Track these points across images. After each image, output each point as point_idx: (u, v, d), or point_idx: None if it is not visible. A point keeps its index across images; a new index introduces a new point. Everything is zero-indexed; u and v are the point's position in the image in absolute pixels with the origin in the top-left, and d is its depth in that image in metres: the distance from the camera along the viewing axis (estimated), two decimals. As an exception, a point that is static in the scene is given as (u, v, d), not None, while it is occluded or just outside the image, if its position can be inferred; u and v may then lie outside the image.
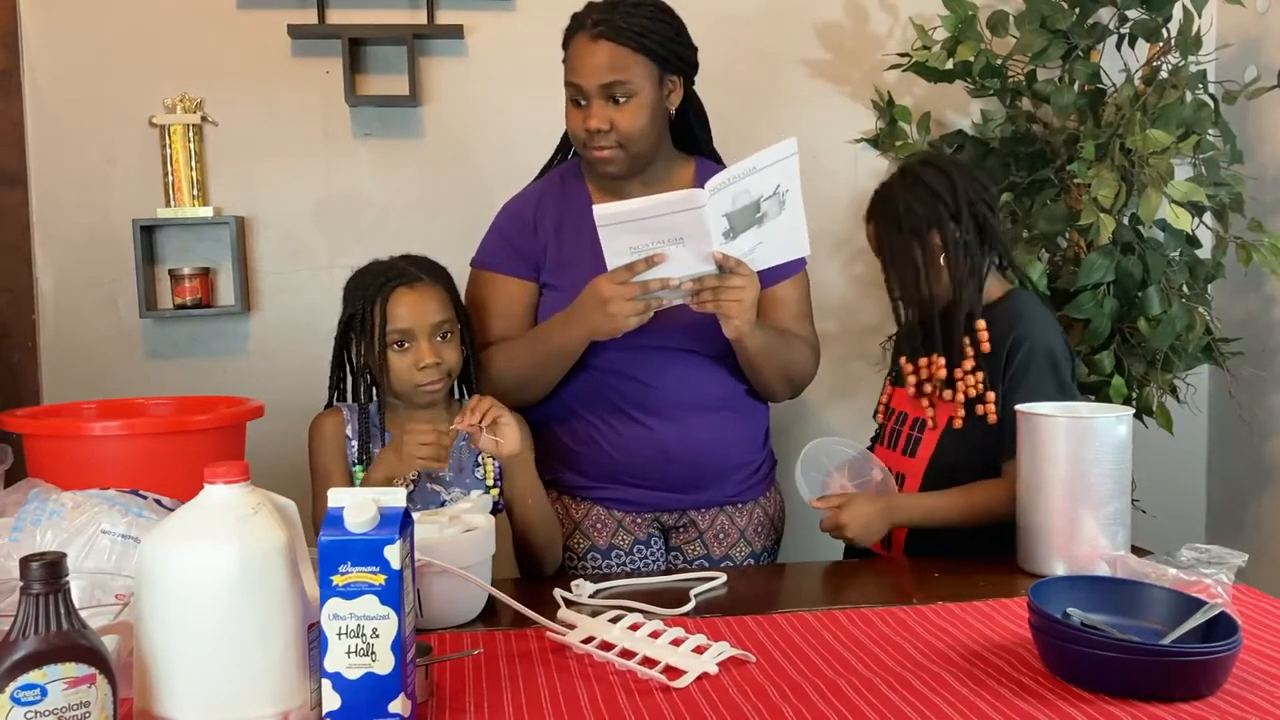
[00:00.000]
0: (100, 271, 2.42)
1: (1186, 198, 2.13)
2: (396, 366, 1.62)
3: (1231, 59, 2.53)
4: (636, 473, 1.75)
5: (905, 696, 1.12)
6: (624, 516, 1.78)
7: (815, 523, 1.69)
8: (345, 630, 0.99)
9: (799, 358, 1.80)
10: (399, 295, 1.61)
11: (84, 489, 1.26)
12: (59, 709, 0.88)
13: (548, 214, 1.78)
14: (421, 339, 1.61)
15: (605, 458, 1.76)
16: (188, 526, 1.01)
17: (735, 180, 1.52)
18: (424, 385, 1.62)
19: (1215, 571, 1.35)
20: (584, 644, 1.23)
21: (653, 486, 1.77)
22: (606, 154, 1.68)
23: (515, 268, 1.79)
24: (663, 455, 1.74)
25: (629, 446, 1.74)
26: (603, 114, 1.65)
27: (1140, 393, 2.32)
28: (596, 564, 1.76)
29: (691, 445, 1.74)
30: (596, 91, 1.65)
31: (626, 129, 1.66)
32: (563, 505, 1.79)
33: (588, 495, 1.79)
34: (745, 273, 1.57)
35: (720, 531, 1.81)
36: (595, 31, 1.64)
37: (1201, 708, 1.07)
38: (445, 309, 1.65)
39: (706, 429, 1.75)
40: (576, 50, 1.66)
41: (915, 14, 2.48)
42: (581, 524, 1.78)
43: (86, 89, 2.39)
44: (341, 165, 2.48)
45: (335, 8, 2.43)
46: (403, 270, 1.65)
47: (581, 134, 1.68)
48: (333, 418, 1.67)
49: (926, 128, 2.51)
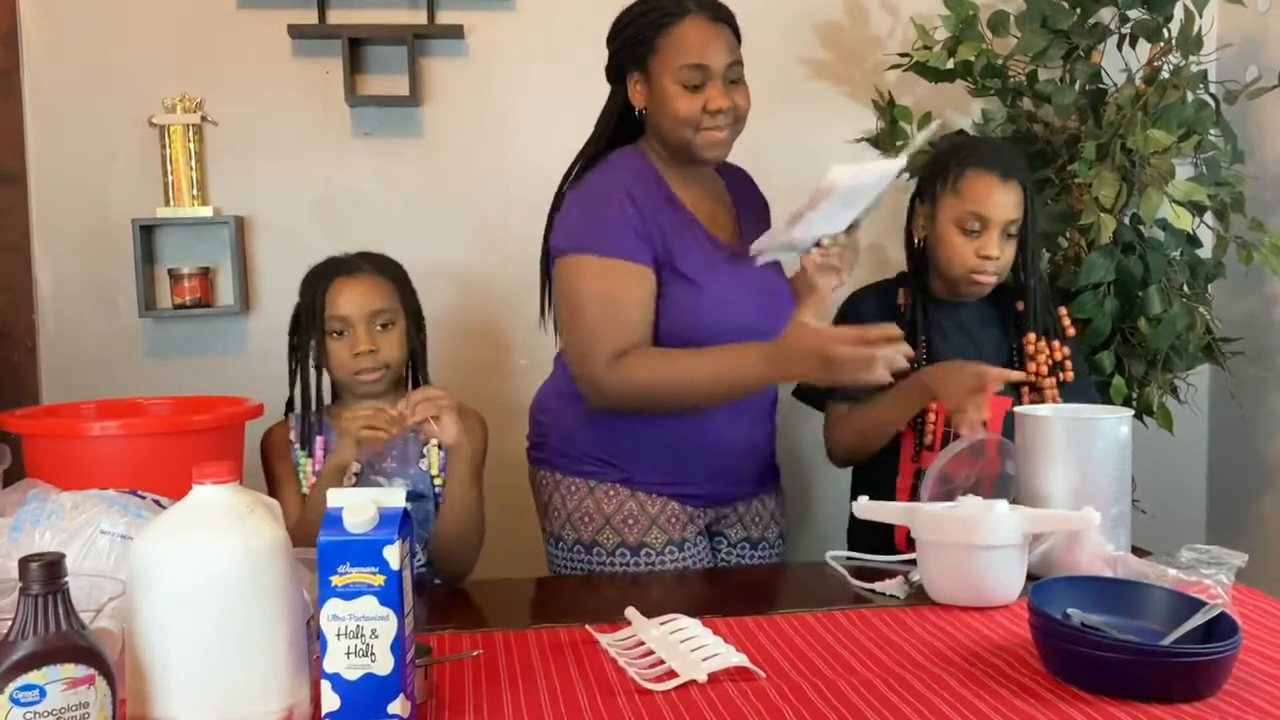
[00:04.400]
0: (100, 271, 2.42)
1: (1187, 197, 2.13)
2: (335, 354, 1.67)
3: (1232, 59, 2.53)
4: (704, 465, 1.75)
5: (905, 696, 1.11)
6: (662, 510, 1.73)
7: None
8: (344, 631, 0.99)
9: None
10: (339, 284, 1.68)
11: (83, 489, 1.25)
12: (58, 709, 0.88)
13: (639, 200, 1.69)
14: (359, 326, 1.66)
15: (681, 451, 1.74)
16: (184, 525, 1.01)
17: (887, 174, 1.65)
18: (360, 374, 1.66)
19: (1215, 572, 1.35)
20: (613, 643, 1.24)
21: (713, 479, 1.77)
22: (725, 134, 1.70)
23: (647, 257, 1.67)
24: (725, 447, 1.76)
25: (704, 438, 1.74)
26: (727, 94, 1.67)
27: (1140, 393, 2.32)
28: (626, 559, 1.73)
29: (749, 436, 1.79)
30: (723, 71, 1.67)
31: (744, 108, 1.71)
32: (637, 501, 1.74)
33: (661, 492, 1.74)
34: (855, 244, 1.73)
35: (756, 515, 1.86)
36: (712, 14, 1.68)
37: (1201, 708, 1.07)
38: (386, 299, 1.69)
39: (758, 420, 1.80)
40: (694, 31, 1.66)
41: (916, 14, 2.48)
42: (658, 519, 1.73)
43: (86, 89, 2.39)
44: (341, 165, 2.48)
45: (335, 8, 2.43)
46: (346, 261, 1.72)
47: (698, 117, 1.66)
48: (279, 428, 1.73)
49: (927, 128, 2.50)
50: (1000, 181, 1.78)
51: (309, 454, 1.69)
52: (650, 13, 1.70)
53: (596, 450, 1.75)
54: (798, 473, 2.54)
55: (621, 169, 1.73)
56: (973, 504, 1.43)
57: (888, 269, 2.62)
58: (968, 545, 1.38)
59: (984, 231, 1.78)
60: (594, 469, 1.75)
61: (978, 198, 1.78)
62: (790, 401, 1.96)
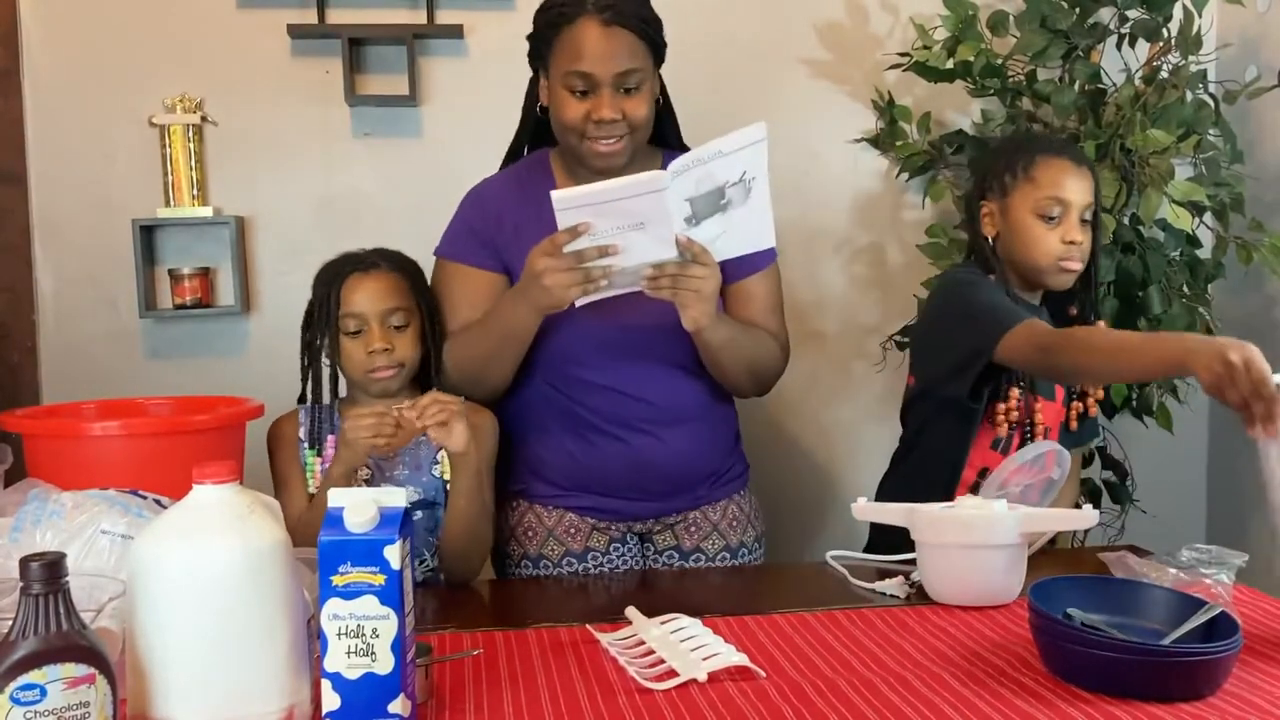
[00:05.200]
0: (100, 271, 2.42)
1: (1187, 197, 2.13)
2: (349, 352, 1.63)
3: (1232, 59, 2.53)
4: (609, 483, 1.72)
5: (905, 696, 1.11)
6: (596, 522, 1.76)
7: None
8: (345, 630, 0.99)
9: (765, 353, 1.74)
10: (354, 280, 1.64)
11: (84, 489, 1.25)
12: (58, 709, 0.88)
13: (508, 208, 1.73)
14: (373, 324, 1.62)
15: (577, 469, 1.72)
16: (186, 525, 1.00)
17: (699, 163, 1.47)
18: (374, 372, 1.62)
19: (1215, 571, 1.36)
20: (613, 642, 1.24)
21: (625, 496, 1.74)
22: (616, 145, 1.62)
23: (480, 258, 1.73)
24: (634, 468, 1.71)
25: (602, 459, 1.71)
26: (615, 104, 1.59)
27: (1141, 392, 2.32)
28: (573, 568, 1.74)
29: (665, 457, 1.71)
30: (611, 81, 1.58)
31: (637, 119, 1.62)
32: (534, 514, 1.75)
33: (559, 504, 1.75)
34: (707, 261, 1.51)
35: (692, 524, 1.78)
36: (606, 16, 1.58)
37: (1201, 708, 1.07)
38: (402, 297, 1.65)
39: (678, 440, 1.72)
40: (583, 36, 1.58)
41: (915, 14, 2.48)
42: (554, 530, 1.74)
43: (86, 89, 2.39)
44: (341, 165, 2.48)
45: (335, 7, 2.42)
46: (362, 258, 1.68)
47: (583, 125, 1.61)
48: (288, 421, 1.69)
49: (927, 128, 2.50)
50: (1074, 166, 1.73)
51: (318, 452, 1.66)
52: (550, 10, 1.64)
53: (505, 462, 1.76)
54: (821, 468, 2.54)
55: (498, 179, 1.79)
56: (973, 504, 1.43)
57: (887, 267, 2.63)
58: (968, 545, 1.38)
59: (1064, 217, 1.71)
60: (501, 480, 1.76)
61: (1055, 182, 1.72)
62: (792, 402, 1.95)
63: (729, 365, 1.69)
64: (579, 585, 1.69)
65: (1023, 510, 1.43)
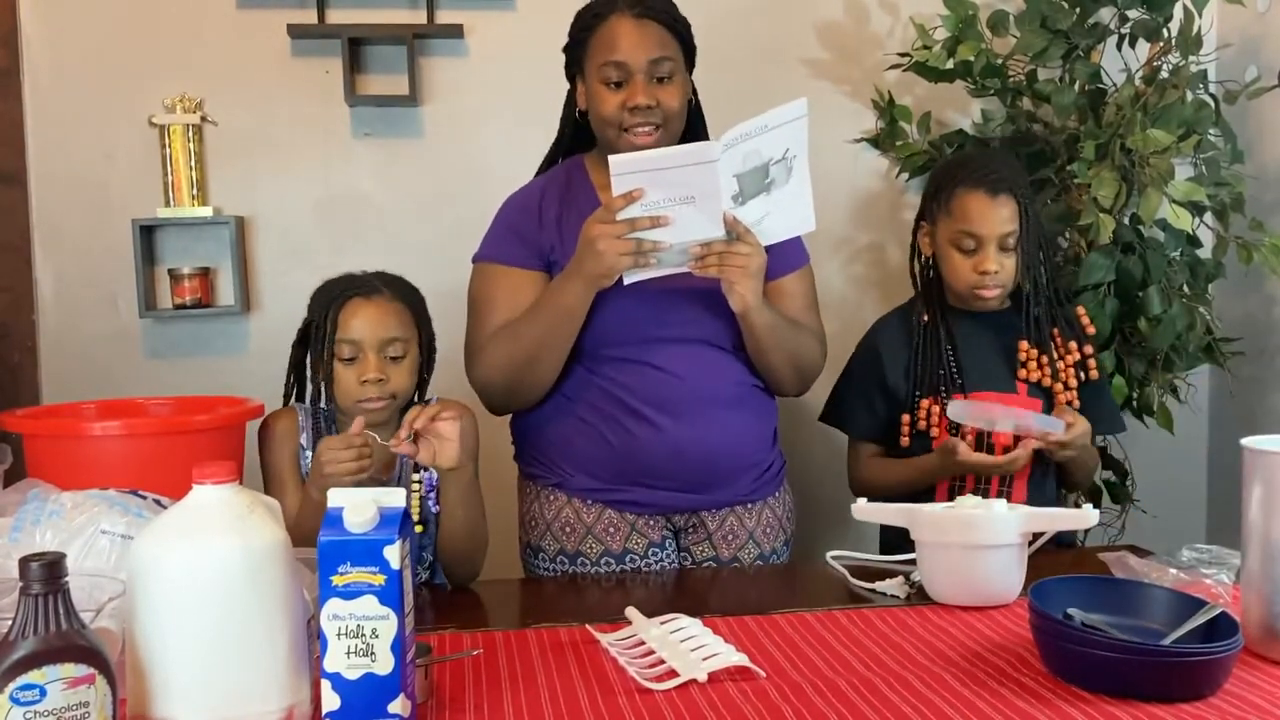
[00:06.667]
0: (100, 271, 2.42)
1: (1187, 197, 2.13)
2: (342, 379, 1.57)
3: (1232, 59, 2.53)
4: (649, 473, 1.71)
5: (905, 696, 1.11)
6: (636, 519, 1.74)
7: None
8: (345, 630, 0.99)
9: (807, 346, 1.78)
10: (354, 305, 1.58)
11: (84, 489, 1.25)
12: (58, 709, 0.88)
13: (551, 208, 1.75)
14: (369, 353, 1.56)
15: (617, 459, 1.71)
16: (186, 525, 1.01)
17: (747, 138, 1.51)
18: (365, 402, 1.56)
19: (1215, 571, 1.36)
20: (613, 642, 1.24)
21: (665, 487, 1.73)
22: (650, 135, 1.66)
23: (523, 259, 1.73)
24: (676, 454, 1.70)
25: (641, 446, 1.70)
26: (650, 91, 1.65)
27: (1141, 392, 2.32)
28: (610, 568, 1.73)
29: (705, 443, 1.70)
30: (644, 68, 1.64)
31: (671, 108, 1.67)
32: (572, 509, 1.74)
33: (599, 499, 1.74)
34: (752, 241, 1.58)
35: (729, 533, 1.78)
36: (637, 11, 1.66)
37: (1201, 708, 1.07)
38: (402, 328, 1.59)
39: (720, 426, 1.71)
40: (617, 30, 1.66)
41: (915, 14, 2.48)
42: (593, 529, 1.73)
43: (86, 89, 2.39)
44: (341, 165, 2.48)
45: (335, 7, 2.43)
46: (364, 282, 1.62)
47: (620, 115, 1.66)
48: (286, 418, 1.64)
49: (927, 127, 2.50)
50: (990, 198, 1.79)
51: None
52: (584, 14, 1.72)
53: (537, 452, 1.77)
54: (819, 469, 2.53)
55: (538, 183, 1.82)
56: (973, 504, 1.43)
57: (887, 267, 2.63)
58: (968, 545, 1.38)
59: (980, 249, 1.80)
60: (539, 471, 1.77)
61: (968, 217, 1.80)
62: (791, 402, 1.96)
63: (773, 353, 1.72)
64: (579, 585, 1.69)
65: (1023, 510, 1.43)
